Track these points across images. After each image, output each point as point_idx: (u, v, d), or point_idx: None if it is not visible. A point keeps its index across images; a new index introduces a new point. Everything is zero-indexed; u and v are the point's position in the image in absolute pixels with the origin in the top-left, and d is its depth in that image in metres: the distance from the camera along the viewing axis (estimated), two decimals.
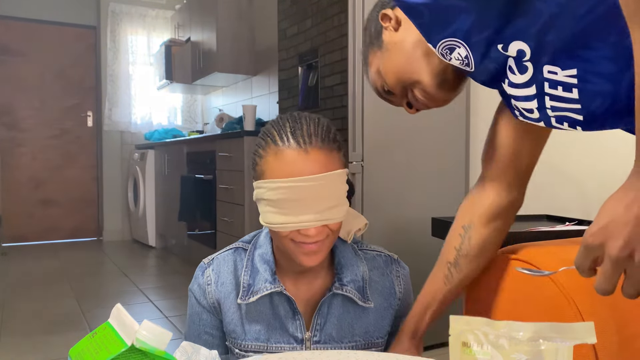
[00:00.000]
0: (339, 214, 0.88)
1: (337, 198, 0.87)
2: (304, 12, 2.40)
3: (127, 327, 0.57)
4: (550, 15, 0.63)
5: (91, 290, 3.37)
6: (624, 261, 0.57)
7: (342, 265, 0.97)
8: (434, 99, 0.89)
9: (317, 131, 0.88)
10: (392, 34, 0.88)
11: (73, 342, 0.60)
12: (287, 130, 0.87)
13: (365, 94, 2.10)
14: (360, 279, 0.97)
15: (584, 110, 0.70)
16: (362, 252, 1.02)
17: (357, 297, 0.95)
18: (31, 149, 5.17)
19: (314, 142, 0.86)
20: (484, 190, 0.97)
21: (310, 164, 0.85)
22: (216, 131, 4.76)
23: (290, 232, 0.87)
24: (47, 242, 5.23)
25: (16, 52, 5.09)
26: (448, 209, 2.31)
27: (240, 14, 4.33)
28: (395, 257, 1.06)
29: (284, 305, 0.95)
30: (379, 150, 2.15)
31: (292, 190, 0.83)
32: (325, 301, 0.95)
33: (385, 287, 1.01)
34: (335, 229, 0.89)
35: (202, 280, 1.00)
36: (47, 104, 5.22)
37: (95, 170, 5.47)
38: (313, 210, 0.84)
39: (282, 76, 2.63)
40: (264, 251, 0.98)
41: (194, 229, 4.02)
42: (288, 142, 0.86)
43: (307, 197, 0.84)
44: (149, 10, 5.42)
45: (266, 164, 0.87)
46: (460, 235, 0.97)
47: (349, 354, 0.78)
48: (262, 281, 0.94)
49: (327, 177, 0.85)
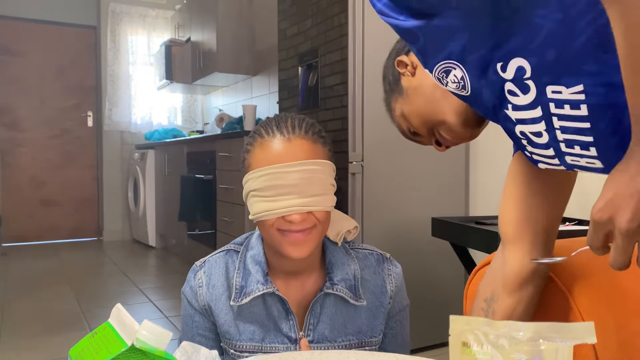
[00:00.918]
0: (324, 202, 0.89)
1: (322, 187, 0.89)
2: (304, 12, 2.40)
3: (127, 327, 0.57)
4: (549, 30, 0.60)
5: (91, 290, 3.37)
6: (635, 232, 0.56)
7: (332, 265, 0.98)
8: (461, 136, 0.88)
9: (302, 125, 0.92)
10: (410, 79, 0.89)
11: (73, 342, 0.60)
12: (273, 125, 0.92)
13: (365, 94, 2.10)
14: (351, 277, 0.98)
15: (593, 130, 0.66)
16: (354, 250, 1.03)
17: (349, 296, 0.96)
18: (31, 149, 5.17)
19: (297, 132, 0.91)
20: (503, 255, 0.89)
21: (293, 150, 0.89)
22: (216, 131, 4.76)
23: (276, 221, 0.88)
24: (47, 242, 5.23)
25: (16, 52, 5.09)
26: (448, 209, 2.31)
27: (240, 14, 4.33)
28: (388, 256, 1.06)
29: (277, 306, 0.96)
30: (379, 150, 2.15)
31: (276, 177, 0.86)
32: (317, 301, 0.96)
33: (377, 285, 1.01)
34: (322, 219, 0.90)
35: (193, 283, 1.01)
36: (47, 104, 5.22)
37: (95, 170, 5.47)
38: (297, 197, 0.86)
39: (282, 76, 2.63)
40: (255, 252, 0.98)
41: (194, 229, 4.02)
42: (273, 133, 0.91)
43: (291, 183, 0.86)
44: (149, 10, 5.42)
45: (252, 156, 0.92)
46: (482, 310, 0.90)
47: (349, 354, 0.78)
48: (254, 282, 0.95)
49: (310, 163, 0.88)
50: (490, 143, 2.30)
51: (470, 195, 2.41)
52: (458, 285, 2.30)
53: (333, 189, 0.92)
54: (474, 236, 1.60)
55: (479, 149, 2.36)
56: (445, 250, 2.15)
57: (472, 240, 1.61)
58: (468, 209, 2.40)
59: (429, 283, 2.24)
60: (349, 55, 2.08)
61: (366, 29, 2.09)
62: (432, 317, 2.22)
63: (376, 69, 2.12)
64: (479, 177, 2.37)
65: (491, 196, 2.30)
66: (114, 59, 5.28)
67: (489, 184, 2.32)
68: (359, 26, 2.07)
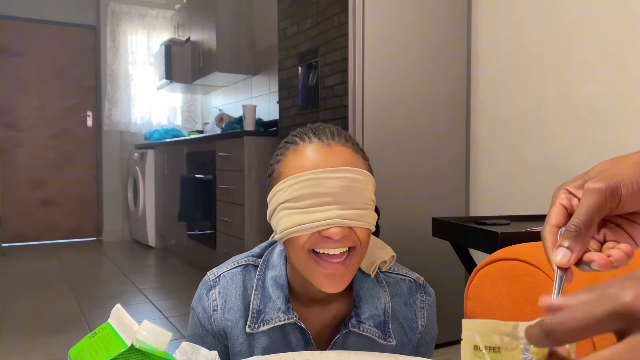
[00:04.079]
0: (366, 218, 0.78)
1: (364, 201, 0.78)
2: (304, 12, 2.40)
3: (127, 328, 0.56)
4: None
5: (91, 290, 3.37)
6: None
7: (360, 298, 0.86)
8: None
9: (341, 133, 0.83)
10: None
11: (73, 342, 0.60)
12: (309, 132, 0.82)
13: (365, 94, 2.10)
14: (381, 313, 0.86)
15: None
16: (384, 275, 0.91)
17: (377, 335, 0.85)
18: (31, 149, 5.17)
19: (337, 139, 0.81)
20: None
21: (333, 156, 0.78)
22: (216, 131, 4.76)
23: (310, 237, 0.77)
24: (47, 242, 5.23)
25: (16, 52, 5.08)
26: (448, 209, 2.31)
27: (240, 14, 4.33)
28: (421, 282, 0.94)
29: (295, 334, 0.86)
30: (379, 150, 2.14)
31: (314, 183, 0.76)
32: (341, 337, 0.86)
33: (407, 319, 0.90)
34: (364, 239, 0.79)
35: (207, 304, 0.89)
36: (47, 104, 5.22)
37: (95, 170, 5.47)
38: (338, 207, 0.76)
39: (282, 76, 2.63)
40: (277, 274, 0.87)
41: (193, 229, 4.01)
42: (309, 140, 0.80)
43: (329, 192, 0.76)
44: (149, 10, 5.42)
45: (285, 165, 0.80)
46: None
47: (349, 354, 0.77)
48: (274, 310, 0.85)
49: (353, 172, 0.77)
50: (490, 143, 2.30)
51: (470, 195, 2.40)
52: (458, 286, 2.30)
53: (374, 205, 0.81)
54: (474, 236, 1.60)
55: (479, 149, 2.35)
56: (445, 250, 2.15)
57: (472, 240, 1.61)
58: (468, 209, 2.40)
59: (429, 283, 2.24)
60: (349, 55, 2.08)
61: (366, 29, 2.09)
62: None
63: (376, 69, 2.13)
64: (479, 177, 2.37)
65: (491, 196, 2.30)
66: (113, 59, 5.28)
67: (489, 184, 2.32)
68: (359, 26, 2.07)
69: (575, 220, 0.45)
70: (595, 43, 1.86)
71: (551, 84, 2.02)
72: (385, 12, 2.13)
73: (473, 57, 2.38)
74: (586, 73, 1.89)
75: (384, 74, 2.13)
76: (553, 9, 2.00)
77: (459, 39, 2.32)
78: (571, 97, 1.95)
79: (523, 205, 2.14)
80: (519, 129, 2.16)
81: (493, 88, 2.28)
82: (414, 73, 2.20)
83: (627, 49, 1.76)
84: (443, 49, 2.28)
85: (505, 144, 2.23)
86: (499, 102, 2.26)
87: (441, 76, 2.27)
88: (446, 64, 2.29)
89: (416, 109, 2.21)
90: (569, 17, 1.94)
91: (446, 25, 2.28)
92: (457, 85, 2.32)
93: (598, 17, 1.84)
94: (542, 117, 2.06)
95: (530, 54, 2.10)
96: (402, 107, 2.18)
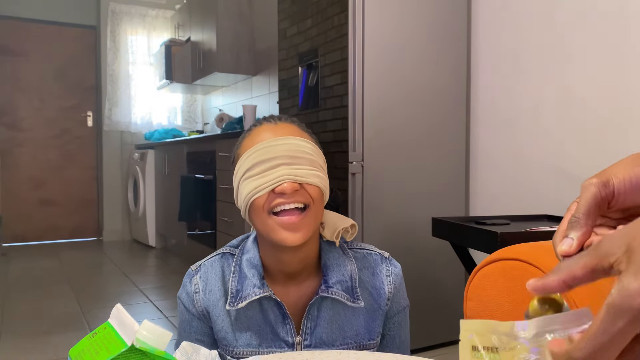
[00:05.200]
0: (314, 177, 0.88)
1: (312, 164, 0.89)
2: (304, 12, 2.40)
3: (127, 327, 0.57)
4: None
5: (91, 290, 3.37)
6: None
7: (327, 267, 0.95)
8: None
9: (288, 117, 0.96)
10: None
11: (73, 342, 0.60)
12: (261, 119, 0.96)
13: (365, 94, 2.10)
14: (348, 278, 0.95)
15: None
16: (352, 250, 1.00)
17: (345, 298, 0.93)
18: (31, 149, 5.17)
19: (284, 120, 0.94)
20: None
21: (280, 129, 0.91)
22: (216, 131, 4.76)
23: (268, 198, 0.87)
24: (47, 242, 5.23)
25: (16, 52, 5.09)
26: (448, 209, 2.31)
27: (240, 14, 4.33)
28: (387, 255, 1.03)
29: (273, 310, 0.94)
30: (379, 150, 2.15)
31: (264, 151, 0.87)
32: (314, 304, 0.94)
33: (375, 287, 0.99)
34: (315, 197, 0.88)
35: (190, 289, 0.99)
36: (47, 104, 5.22)
37: (95, 170, 5.47)
38: (286, 167, 0.86)
39: (282, 76, 2.63)
40: (251, 256, 0.96)
41: (194, 229, 4.02)
42: (260, 124, 0.94)
43: (279, 156, 0.87)
44: (149, 10, 5.42)
45: (242, 148, 0.93)
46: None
47: (349, 354, 0.78)
48: (250, 286, 0.93)
49: (298, 139, 0.89)
50: (490, 143, 2.30)
51: (470, 195, 2.41)
52: (458, 286, 2.30)
53: (324, 171, 0.91)
54: (474, 236, 1.60)
55: (479, 149, 2.36)
56: (445, 250, 2.15)
57: (472, 240, 1.61)
58: (468, 209, 2.40)
59: (429, 283, 2.24)
60: (349, 55, 2.08)
61: (366, 29, 2.09)
62: (432, 318, 2.22)
63: (376, 69, 2.13)
64: (479, 177, 2.37)
65: (491, 196, 2.30)
66: (113, 59, 5.28)
67: (489, 184, 2.32)
68: (359, 26, 2.07)
69: (575, 212, 0.48)
70: (594, 43, 1.86)
71: (551, 84, 2.02)
72: (385, 12, 2.14)
73: (473, 57, 2.38)
74: (586, 73, 1.89)
75: (384, 74, 2.13)
76: (553, 9, 2.00)
77: (459, 39, 2.32)
78: (571, 97, 1.95)
79: (523, 205, 2.14)
80: (519, 128, 2.16)
81: (493, 88, 2.28)
82: (414, 73, 2.20)
83: (626, 49, 1.76)
84: (443, 49, 2.28)
85: (505, 143, 2.23)
86: (498, 102, 2.26)
87: (441, 76, 2.27)
88: (446, 64, 2.29)
89: (416, 109, 2.21)
90: (568, 17, 1.94)
91: (446, 26, 2.28)
92: (457, 85, 2.32)
93: (598, 17, 1.84)
94: (542, 117, 2.06)
95: (529, 54, 2.10)
96: (402, 107, 2.18)
